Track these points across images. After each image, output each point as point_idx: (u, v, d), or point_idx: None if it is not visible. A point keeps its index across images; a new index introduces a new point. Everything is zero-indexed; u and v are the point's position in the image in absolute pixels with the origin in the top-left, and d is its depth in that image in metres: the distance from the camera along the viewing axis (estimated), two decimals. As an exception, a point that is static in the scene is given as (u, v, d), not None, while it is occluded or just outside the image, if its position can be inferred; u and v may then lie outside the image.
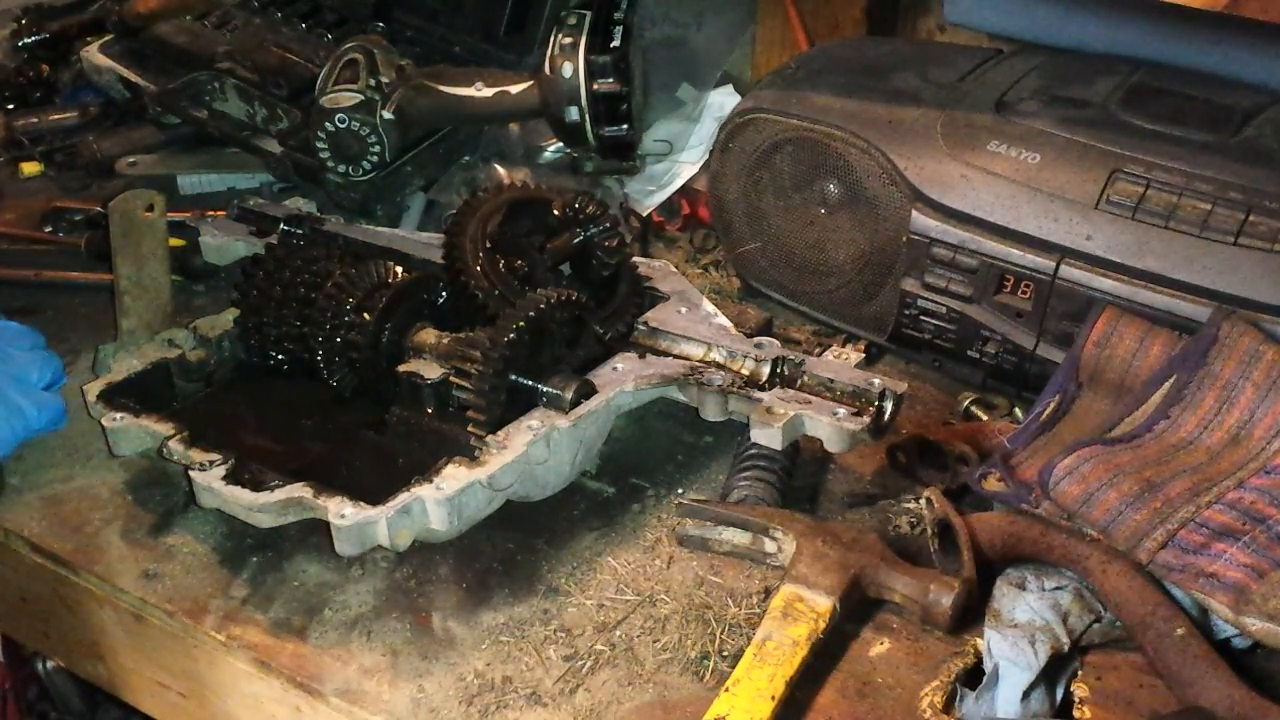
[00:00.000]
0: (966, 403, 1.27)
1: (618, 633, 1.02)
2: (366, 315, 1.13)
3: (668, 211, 1.57)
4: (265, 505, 1.01)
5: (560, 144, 1.48)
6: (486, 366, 1.06)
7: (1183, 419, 1.08)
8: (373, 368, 1.14)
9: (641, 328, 1.21)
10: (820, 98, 1.31)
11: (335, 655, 1.00)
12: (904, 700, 0.95)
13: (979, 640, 0.98)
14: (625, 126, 1.36)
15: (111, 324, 1.28)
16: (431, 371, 1.11)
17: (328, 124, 1.41)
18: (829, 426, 1.09)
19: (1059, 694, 0.96)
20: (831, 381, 1.13)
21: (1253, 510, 0.99)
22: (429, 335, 1.14)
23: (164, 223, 1.29)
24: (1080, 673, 0.97)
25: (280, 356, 1.19)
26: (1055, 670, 0.96)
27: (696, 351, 1.18)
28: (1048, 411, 1.14)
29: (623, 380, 1.13)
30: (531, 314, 1.09)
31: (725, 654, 0.99)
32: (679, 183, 1.56)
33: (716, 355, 1.17)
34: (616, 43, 1.32)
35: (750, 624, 1.01)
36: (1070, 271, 1.18)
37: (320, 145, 1.43)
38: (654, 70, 1.57)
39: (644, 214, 1.54)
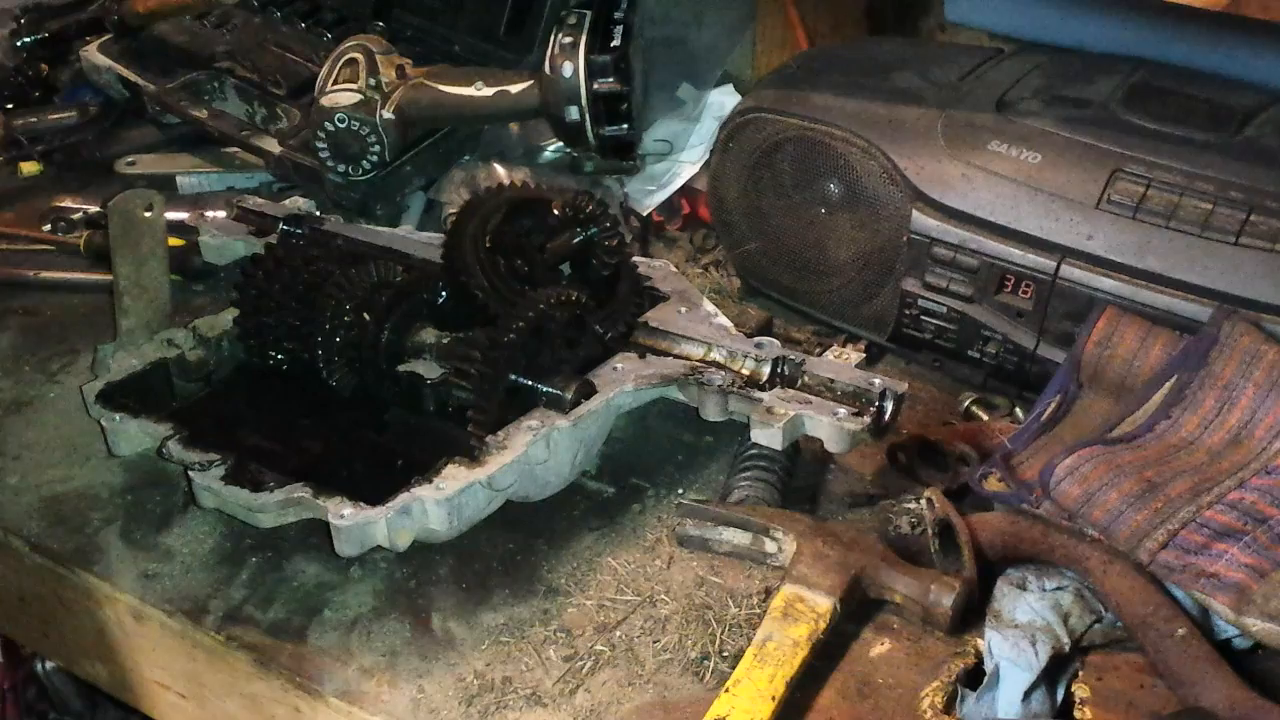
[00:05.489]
0: (967, 403, 1.26)
1: (618, 633, 1.02)
2: (366, 315, 1.13)
3: (668, 211, 1.57)
4: (265, 505, 1.01)
5: (560, 144, 1.48)
6: (486, 366, 1.06)
7: (1184, 419, 1.08)
8: (373, 368, 1.14)
9: (641, 328, 1.21)
10: (820, 97, 1.31)
11: (335, 655, 1.00)
12: (904, 701, 0.95)
13: (979, 641, 0.98)
14: (625, 126, 1.36)
15: (111, 324, 1.28)
16: (431, 371, 1.11)
17: (327, 123, 1.41)
18: (829, 426, 1.08)
19: (1060, 694, 0.96)
20: (832, 381, 1.13)
21: (1254, 510, 0.99)
22: (429, 335, 1.14)
23: (163, 222, 1.28)
24: (1081, 673, 0.97)
25: (280, 356, 1.19)
26: (1056, 671, 0.96)
27: (696, 351, 1.18)
28: (1048, 412, 1.14)
29: (623, 380, 1.12)
30: (531, 314, 1.09)
31: (725, 654, 0.99)
32: (679, 183, 1.56)
33: (716, 355, 1.17)
34: (616, 42, 1.32)
35: (750, 624, 1.01)
36: (1071, 271, 1.18)
37: (320, 145, 1.43)
38: (654, 70, 1.57)
39: (644, 214, 1.54)
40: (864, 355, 1.26)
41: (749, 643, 0.96)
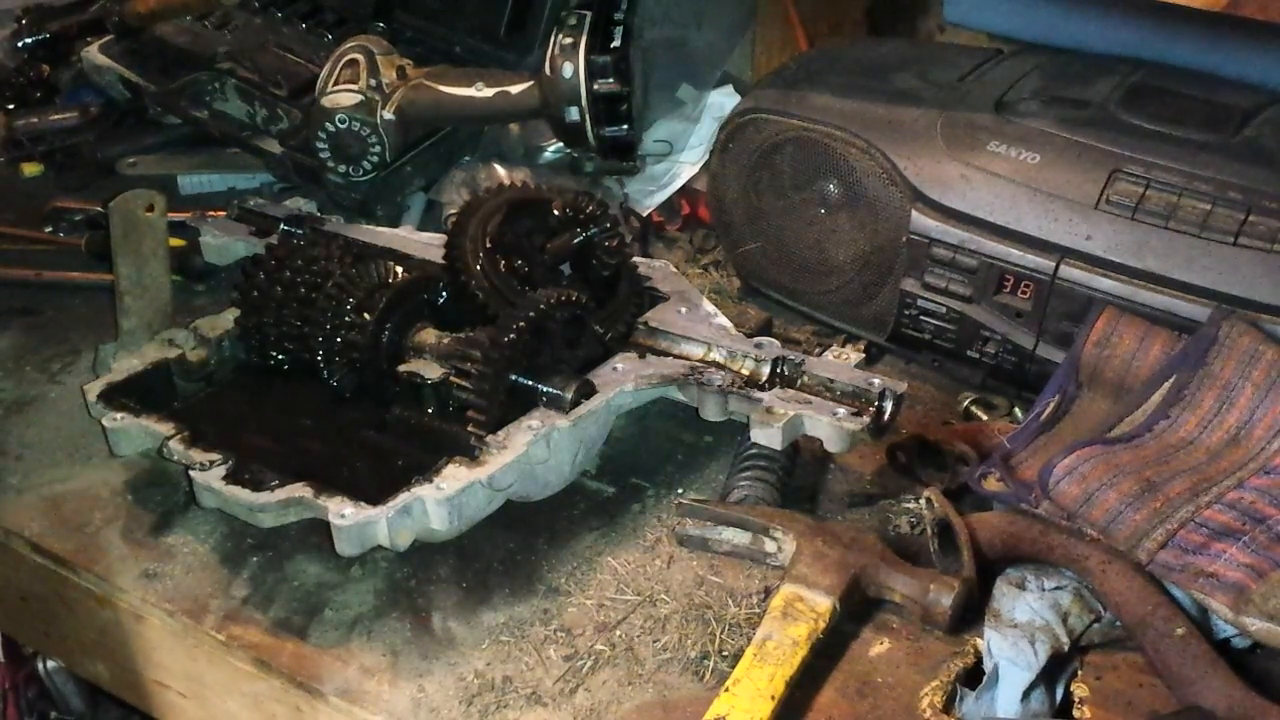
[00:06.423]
0: (966, 403, 1.27)
1: (618, 633, 1.02)
2: (366, 315, 1.13)
3: (668, 211, 1.57)
4: (265, 505, 1.01)
5: (560, 144, 1.48)
6: (486, 366, 1.06)
7: (1182, 419, 1.08)
8: (373, 368, 1.14)
9: (641, 328, 1.21)
10: (820, 98, 1.31)
11: (335, 655, 1.01)
12: (904, 700, 0.95)
13: (979, 640, 0.98)
14: (625, 126, 1.36)
15: (112, 324, 1.28)
16: (431, 371, 1.11)
17: (328, 124, 1.41)
18: (829, 426, 1.09)
19: (1059, 694, 0.96)
20: (831, 381, 1.13)
21: (1252, 510, 0.99)
22: (429, 335, 1.14)
23: (164, 223, 1.29)
24: (1080, 672, 0.97)
25: (280, 356, 1.19)
26: (1055, 670, 0.96)
27: (696, 351, 1.18)
28: (1047, 411, 1.14)
29: (623, 380, 1.13)
30: (531, 314, 1.09)
31: (725, 654, 0.99)
32: (679, 183, 1.56)
33: (716, 355, 1.17)
34: (616, 43, 1.32)
35: (750, 624, 1.01)
36: (1070, 271, 1.18)
37: (320, 145, 1.43)
38: (654, 70, 1.57)
39: (644, 214, 1.54)
40: (863, 355, 1.26)
41: (749, 642, 0.96)
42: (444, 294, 1.18)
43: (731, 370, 1.15)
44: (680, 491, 1.16)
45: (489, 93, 1.39)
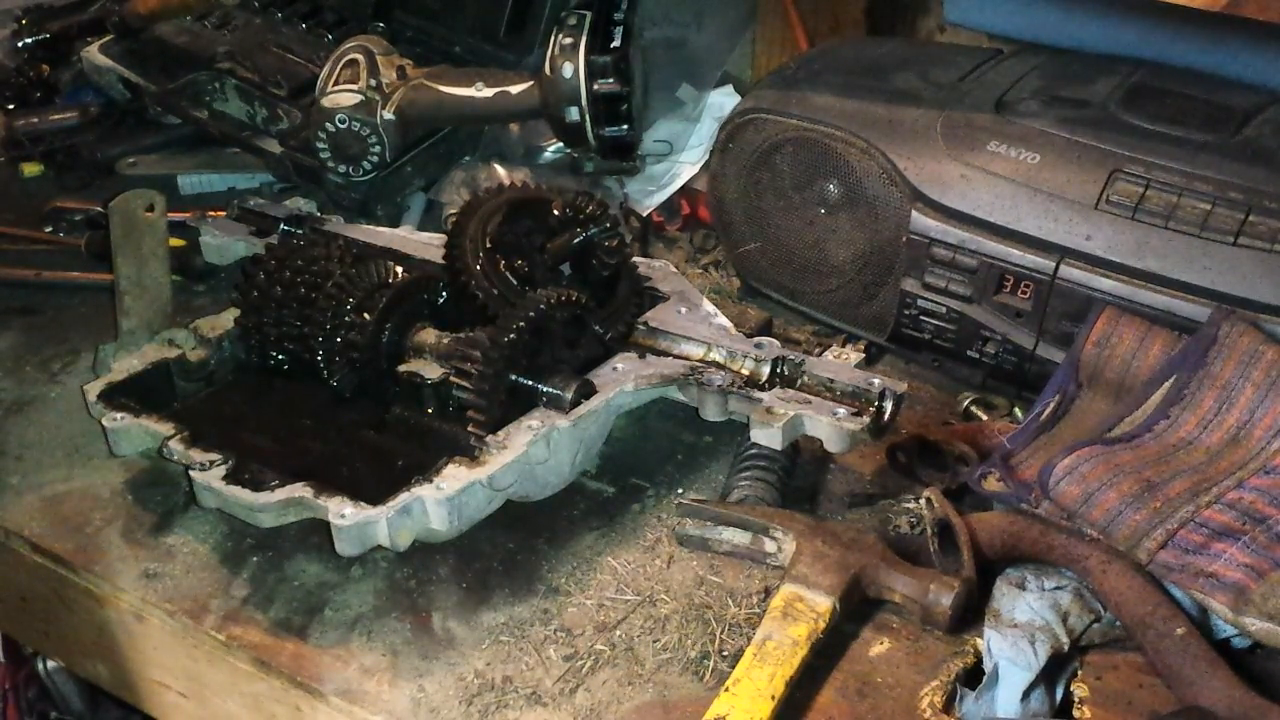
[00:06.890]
0: (966, 403, 1.27)
1: (618, 633, 1.02)
2: (366, 315, 1.13)
3: (668, 211, 1.57)
4: (265, 505, 1.01)
5: (560, 144, 1.48)
6: (486, 366, 1.06)
7: (1182, 419, 1.08)
8: (373, 368, 1.14)
9: (641, 328, 1.21)
10: (820, 98, 1.31)
11: (335, 655, 1.01)
12: (904, 700, 0.95)
13: (979, 640, 0.98)
14: (625, 126, 1.36)
15: (112, 324, 1.29)
16: (431, 371, 1.11)
17: (328, 124, 1.41)
18: (829, 426, 1.09)
19: (1059, 694, 0.96)
20: (831, 381, 1.13)
21: (1252, 510, 0.99)
22: (429, 335, 1.14)
23: (164, 223, 1.29)
24: (1080, 672, 0.97)
25: (280, 356, 1.19)
26: (1055, 670, 0.96)
27: (696, 351, 1.18)
28: (1047, 411, 1.14)
29: (623, 380, 1.13)
30: (531, 314, 1.09)
31: (725, 654, 0.99)
32: (679, 183, 1.56)
33: (716, 355, 1.17)
34: (616, 43, 1.32)
35: (750, 624, 1.01)
36: (1070, 271, 1.18)
37: (320, 145, 1.43)
38: (654, 70, 1.57)
39: (644, 214, 1.54)
40: (863, 355, 1.25)
41: (749, 642, 0.96)
42: (444, 294, 1.18)
43: (731, 370, 1.15)
44: (680, 491, 1.16)
45: (489, 93, 1.39)
